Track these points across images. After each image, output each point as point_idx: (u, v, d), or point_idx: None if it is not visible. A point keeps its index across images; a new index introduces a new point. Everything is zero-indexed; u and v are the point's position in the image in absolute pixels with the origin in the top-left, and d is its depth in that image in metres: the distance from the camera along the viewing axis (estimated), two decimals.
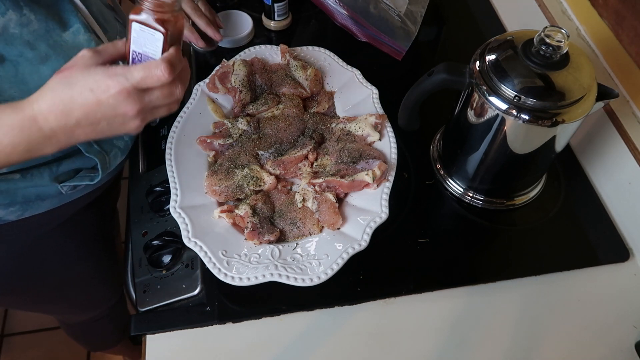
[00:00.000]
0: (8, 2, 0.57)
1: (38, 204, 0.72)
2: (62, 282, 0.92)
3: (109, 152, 0.74)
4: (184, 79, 0.55)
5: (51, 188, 0.71)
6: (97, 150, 0.71)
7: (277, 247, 0.68)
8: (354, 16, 1.00)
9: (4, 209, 0.69)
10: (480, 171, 0.77)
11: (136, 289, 0.72)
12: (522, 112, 0.64)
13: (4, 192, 0.68)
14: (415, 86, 0.73)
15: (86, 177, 0.74)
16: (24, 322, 1.60)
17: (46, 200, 0.73)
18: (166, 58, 0.51)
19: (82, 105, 0.51)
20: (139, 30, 0.53)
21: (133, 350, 1.41)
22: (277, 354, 0.68)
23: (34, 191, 0.70)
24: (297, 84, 0.83)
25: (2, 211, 0.69)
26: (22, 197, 0.70)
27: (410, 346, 0.69)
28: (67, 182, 0.72)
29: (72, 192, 0.75)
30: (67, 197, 0.75)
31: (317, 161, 0.76)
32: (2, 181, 0.66)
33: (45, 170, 0.69)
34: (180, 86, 0.54)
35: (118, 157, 0.76)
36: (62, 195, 0.74)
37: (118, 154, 0.76)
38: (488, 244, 0.80)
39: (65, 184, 0.72)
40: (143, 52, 0.54)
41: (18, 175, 0.67)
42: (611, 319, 0.72)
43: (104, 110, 0.51)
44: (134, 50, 0.54)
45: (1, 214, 0.70)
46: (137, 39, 0.53)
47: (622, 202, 0.81)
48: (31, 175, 0.68)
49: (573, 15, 0.88)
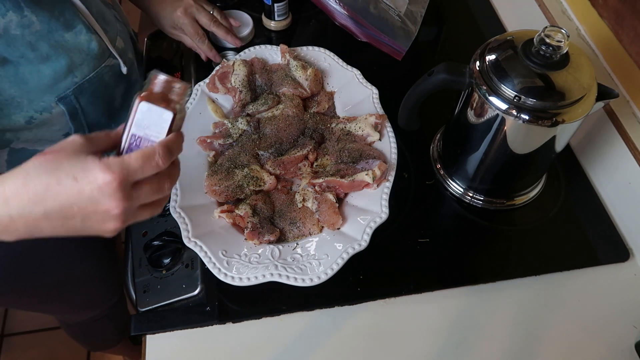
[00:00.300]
0: (8, 4, 0.57)
1: None
2: (62, 282, 0.92)
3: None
4: (173, 175, 0.50)
5: None
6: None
7: (277, 247, 0.68)
8: (354, 16, 1.00)
9: None
10: (480, 171, 0.77)
11: (136, 289, 0.72)
12: (522, 112, 0.64)
13: None
14: (415, 86, 0.73)
15: None
16: (24, 322, 1.60)
17: None
18: (166, 143, 0.47)
19: (58, 194, 0.44)
20: (145, 111, 0.48)
21: (133, 350, 1.41)
22: (277, 354, 0.68)
23: None
24: (297, 84, 0.83)
25: None
26: None
27: (410, 346, 0.69)
28: None
29: None
30: None
31: (317, 161, 0.76)
32: None
33: None
34: (168, 182, 0.49)
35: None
36: None
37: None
38: (488, 244, 0.80)
39: None
40: (144, 136, 0.49)
41: None
42: (611, 319, 0.72)
43: (84, 204, 0.44)
44: (133, 133, 0.49)
45: None
46: (141, 120, 0.48)
47: (622, 202, 0.81)
48: None
49: (573, 15, 0.88)
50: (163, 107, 0.47)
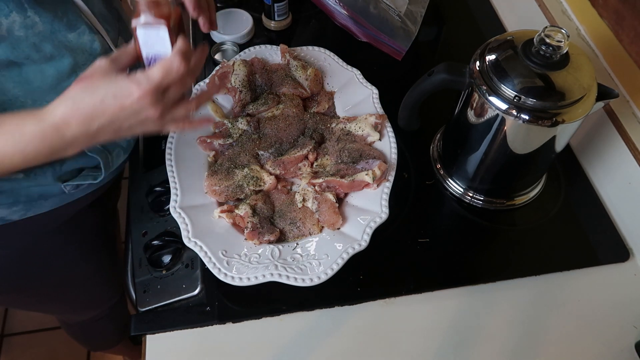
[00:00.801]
0: (12, 4, 0.57)
1: (41, 203, 0.73)
2: (63, 282, 0.92)
3: (112, 151, 0.74)
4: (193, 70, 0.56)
5: (54, 187, 0.71)
6: (100, 149, 0.72)
7: (277, 247, 0.68)
8: (354, 16, 1.00)
9: (7, 209, 0.70)
10: (480, 171, 0.77)
11: (136, 289, 0.72)
12: (522, 112, 0.64)
13: (7, 191, 0.68)
14: (415, 86, 0.73)
15: (89, 177, 0.74)
16: (24, 322, 1.60)
17: (49, 200, 0.73)
18: (178, 50, 0.53)
19: (105, 111, 0.52)
20: (143, 34, 0.56)
21: (133, 350, 1.41)
22: (277, 354, 0.68)
23: (37, 190, 0.70)
24: (297, 84, 0.83)
25: (5, 211, 0.70)
26: (26, 197, 0.70)
27: (410, 346, 0.69)
28: (70, 182, 0.72)
29: (74, 191, 0.75)
30: (70, 197, 0.76)
31: (317, 161, 0.76)
32: (6, 181, 0.67)
33: (48, 170, 0.69)
34: (189, 78, 0.56)
35: (121, 156, 0.77)
36: (65, 194, 0.74)
37: (120, 152, 0.76)
38: (488, 244, 0.80)
39: (68, 183, 0.72)
40: (155, 53, 0.57)
41: (22, 175, 0.67)
42: (611, 319, 0.72)
43: (127, 115, 0.53)
44: (146, 55, 0.57)
45: (5, 214, 0.70)
46: (145, 41, 0.56)
47: (622, 202, 0.81)
48: (35, 175, 0.68)
49: (573, 15, 0.88)
50: (155, 23, 0.55)
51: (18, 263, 0.80)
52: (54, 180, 0.70)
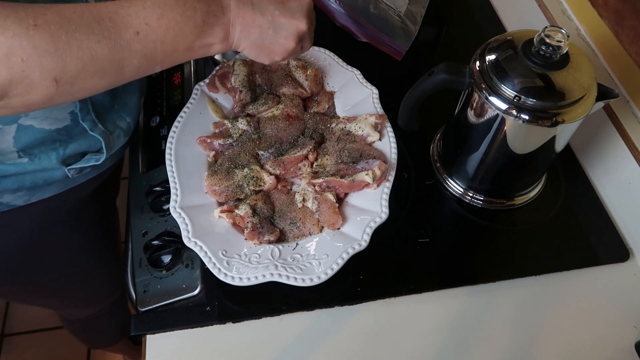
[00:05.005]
0: None
1: (45, 188, 0.73)
2: (64, 274, 0.93)
3: (113, 132, 0.75)
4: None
5: (58, 172, 0.72)
6: (102, 129, 0.72)
7: (277, 247, 0.68)
8: (354, 16, 0.99)
9: (11, 194, 0.70)
10: (480, 171, 0.77)
11: (136, 288, 0.72)
12: (522, 112, 0.64)
13: (12, 176, 0.68)
14: (415, 86, 0.73)
15: (92, 159, 0.75)
16: (24, 322, 1.60)
17: (52, 185, 0.74)
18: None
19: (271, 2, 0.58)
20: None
21: (133, 350, 1.41)
22: (277, 354, 0.68)
23: (41, 176, 0.71)
24: (297, 84, 0.83)
25: (10, 196, 0.70)
26: (30, 182, 0.71)
27: (410, 346, 0.69)
28: (73, 165, 0.73)
29: (77, 175, 0.75)
30: (73, 182, 0.76)
31: (317, 161, 0.76)
32: (10, 164, 0.67)
33: (52, 153, 0.70)
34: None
35: (121, 137, 0.77)
36: (69, 179, 0.75)
37: (121, 134, 0.77)
38: (488, 244, 0.80)
39: (71, 167, 0.73)
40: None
41: (26, 159, 0.68)
42: (611, 319, 0.72)
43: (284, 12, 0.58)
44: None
45: (9, 199, 0.71)
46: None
47: (622, 202, 0.81)
48: (39, 159, 0.69)
49: (573, 15, 0.88)
50: None
51: (21, 252, 0.81)
52: (59, 163, 0.71)
